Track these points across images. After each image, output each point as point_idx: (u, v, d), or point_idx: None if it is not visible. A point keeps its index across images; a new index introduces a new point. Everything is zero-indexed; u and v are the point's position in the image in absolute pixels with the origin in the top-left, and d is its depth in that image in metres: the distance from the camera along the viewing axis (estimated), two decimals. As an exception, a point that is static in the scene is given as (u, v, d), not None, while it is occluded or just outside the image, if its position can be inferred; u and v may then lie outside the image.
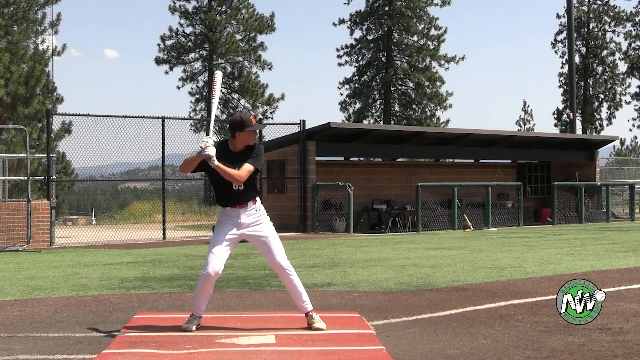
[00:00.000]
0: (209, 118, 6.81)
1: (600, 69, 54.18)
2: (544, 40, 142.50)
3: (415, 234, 21.21)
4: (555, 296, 6.30)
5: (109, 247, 16.46)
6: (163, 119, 18.96)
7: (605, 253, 13.49)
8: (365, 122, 46.49)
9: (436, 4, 47.18)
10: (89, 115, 18.17)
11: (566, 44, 46.13)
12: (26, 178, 17.08)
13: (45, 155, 18.12)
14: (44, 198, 17.94)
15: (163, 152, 18.99)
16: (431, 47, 47.16)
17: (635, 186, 29.56)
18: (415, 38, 47.47)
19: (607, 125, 53.68)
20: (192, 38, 44.17)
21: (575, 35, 43.04)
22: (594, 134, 50.34)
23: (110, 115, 18.54)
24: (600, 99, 54.11)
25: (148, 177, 26.47)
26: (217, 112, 42.12)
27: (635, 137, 54.73)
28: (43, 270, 11.66)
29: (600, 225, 24.55)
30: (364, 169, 26.14)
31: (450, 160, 29.44)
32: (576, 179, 29.46)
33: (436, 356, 5.63)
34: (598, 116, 53.88)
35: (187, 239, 18.83)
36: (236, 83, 43.89)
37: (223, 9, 43.94)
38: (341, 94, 48.86)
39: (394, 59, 47.78)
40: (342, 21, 48.24)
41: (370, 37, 48.04)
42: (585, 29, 53.89)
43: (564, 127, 51.63)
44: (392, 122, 46.83)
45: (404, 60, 47.75)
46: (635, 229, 21.46)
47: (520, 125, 59.18)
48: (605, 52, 53.96)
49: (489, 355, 5.63)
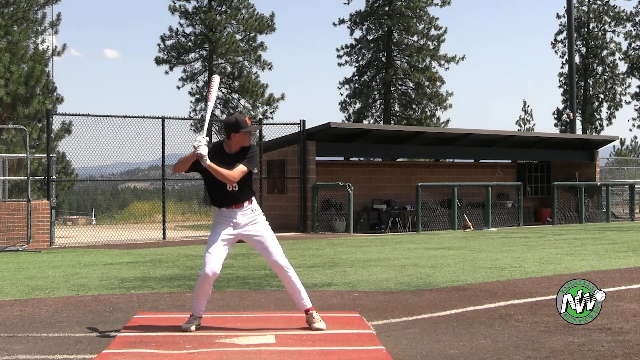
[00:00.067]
0: (204, 120, 6.81)
1: (600, 69, 54.16)
2: (544, 40, 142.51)
3: (415, 234, 21.21)
4: (555, 296, 6.30)
5: (109, 247, 16.46)
6: (163, 119, 18.96)
7: (605, 253, 13.49)
8: (365, 122, 46.46)
9: (436, 4, 47.15)
10: (89, 115, 18.18)
11: (566, 44, 46.11)
12: (26, 178, 17.08)
13: (45, 155, 18.12)
14: (44, 198, 17.93)
15: (163, 152, 18.99)
16: (431, 47, 47.11)
17: (635, 186, 29.55)
18: (415, 38, 47.43)
19: (607, 125, 53.73)
20: (192, 38, 44.13)
21: (575, 35, 43.00)
22: (594, 134, 50.32)
23: (110, 115, 18.56)
24: (600, 99, 54.07)
25: (148, 177, 26.46)
26: (217, 113, 42.23)
27: (635, 137, 54.78)
28: (43, 270, 11.66)
29: (600, 225, 24.55)
30: (364, 169, 26.13)
31: (450, 160, 29.44)
32: (576, 179, 29.45)
33: (436, 356, 5.63)
34: (598, 116, 53.84)
35: (187, 239, 18.83)
36: (236, 83, 43.86)
37: (223, 9, 43.90)
38: (341, 94, 48.89)
39: (394, 59, 47.74)
40: (342, 21, 48.22)
41: (370, 37, 48.00)
42: (585, 29, 53.87)
43: (564, 127, 51.60)
44: (392, 122, 46.80)
45: (404, 60, 47.72)
46: (635, 229, 21.46)
47: (520, 125, 59.21)
48: (605, 52, 53.92)
49: (489, 355, 5.62)
